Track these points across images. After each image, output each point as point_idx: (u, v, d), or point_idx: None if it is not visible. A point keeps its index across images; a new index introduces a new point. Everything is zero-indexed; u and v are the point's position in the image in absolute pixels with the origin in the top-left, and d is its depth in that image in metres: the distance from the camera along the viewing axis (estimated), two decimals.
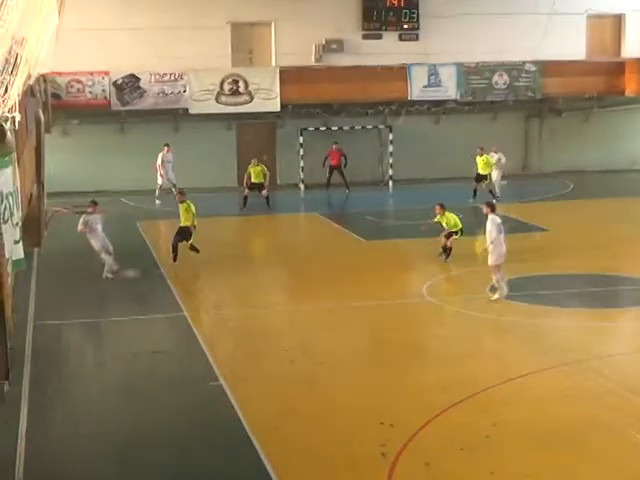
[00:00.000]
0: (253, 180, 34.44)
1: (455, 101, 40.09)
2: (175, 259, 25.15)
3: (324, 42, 39.60)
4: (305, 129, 39.10)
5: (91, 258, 24.45)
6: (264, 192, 34.32)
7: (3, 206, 10.78)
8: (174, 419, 14.79)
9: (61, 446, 13.81)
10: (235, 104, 38.13)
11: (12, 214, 11.49)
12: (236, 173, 38.91)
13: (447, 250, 25.17)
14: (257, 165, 34.49)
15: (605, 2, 41.77)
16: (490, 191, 34.09)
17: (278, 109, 38.56)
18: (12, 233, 11.46)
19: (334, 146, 38.20)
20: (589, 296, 21.93)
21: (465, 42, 39.99)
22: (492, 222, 21.14)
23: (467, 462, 13.00)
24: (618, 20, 42.44)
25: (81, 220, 24.16)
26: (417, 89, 39.45)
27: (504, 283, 21.32)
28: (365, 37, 40.31)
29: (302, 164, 39.07)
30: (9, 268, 11.36)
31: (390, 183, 37.51)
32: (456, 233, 25.34)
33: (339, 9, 39.83)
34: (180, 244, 25.16)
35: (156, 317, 20.80)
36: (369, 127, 39.90)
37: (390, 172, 39.04)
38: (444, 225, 25.42)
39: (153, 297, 22.41)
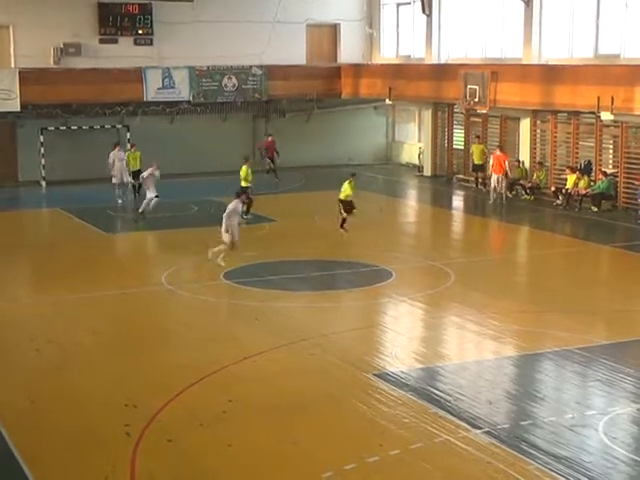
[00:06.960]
0: None
1: (188, 102, 40.17)
2: None
3: (62, 46, 38.66)
4: (45, 129, 38.05)
5: None
6: None
7: None
8: None
9: None
10: None
11: None
12: None
13: None
14: None
15: (322, 13, 42.78)
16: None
17: (18, 109, 37.38)
18: None
19: (269, 138, 38.69)
20: (314, 280, 22.48)
21: (197, 47, 40.04)
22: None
23: (206, 436, 13.10)
24: (334, 29, 43.58)
25: None
26: (152, 91, 39.31)
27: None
28: (102, 41, 39.60)
29: (43, 162, 38.00)
30: None
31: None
32: None
33: (76, 15, 38.92)
34: None
35: None
36: (107, 127, 39.26)
37: None
38: None
39: None
